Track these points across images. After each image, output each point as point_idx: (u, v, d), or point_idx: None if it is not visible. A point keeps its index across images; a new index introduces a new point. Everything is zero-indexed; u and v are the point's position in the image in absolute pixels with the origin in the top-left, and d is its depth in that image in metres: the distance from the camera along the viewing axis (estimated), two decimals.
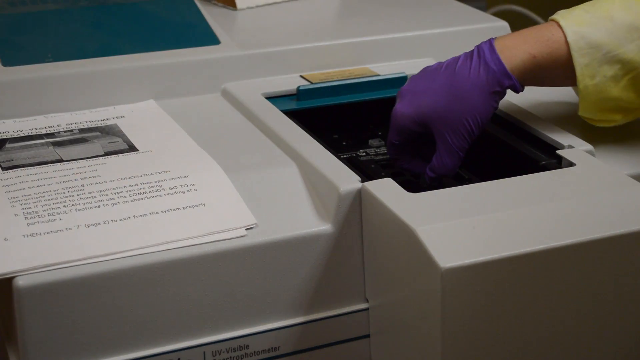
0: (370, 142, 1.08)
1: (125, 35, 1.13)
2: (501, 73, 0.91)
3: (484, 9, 1.69)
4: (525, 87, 0.95)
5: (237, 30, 1.24)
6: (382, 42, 1.18)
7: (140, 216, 0.82)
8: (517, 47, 0.92)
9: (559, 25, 0.93)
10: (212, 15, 1.21)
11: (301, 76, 1.13)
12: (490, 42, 0.93)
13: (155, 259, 0.79)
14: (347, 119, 1.10)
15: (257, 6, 1.32)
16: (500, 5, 1.79)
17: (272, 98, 1.07)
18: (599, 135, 0.98)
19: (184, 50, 1.11)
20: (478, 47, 0.93)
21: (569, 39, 0.92)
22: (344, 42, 1.17)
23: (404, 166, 0.99)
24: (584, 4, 0.95)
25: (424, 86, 0.93)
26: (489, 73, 0.91)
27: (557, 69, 0.93)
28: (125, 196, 0.85)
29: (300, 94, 1.08)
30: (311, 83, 1.10)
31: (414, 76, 0.96)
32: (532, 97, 1.07)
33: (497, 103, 0.93)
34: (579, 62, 0.92)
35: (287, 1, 1.35)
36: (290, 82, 1.11)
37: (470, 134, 0.92)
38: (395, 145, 0.96)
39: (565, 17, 0.93)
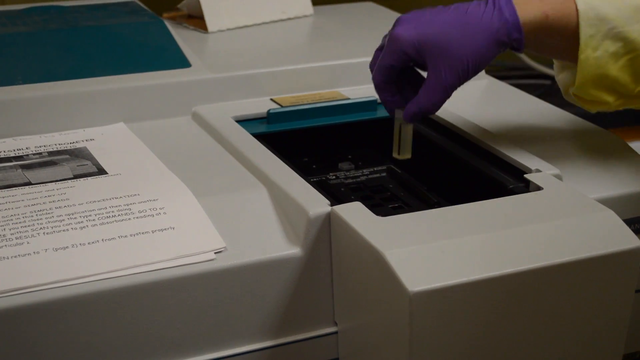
0: (340, 165, 1.08)
1: (96, 58, 1.13)
2: (513, 24, 0.91)
3: None
4: (490, 105, 0.95)
5: (208, 53, 1.24)
6: (352, 66, 1.18)
7: (109, 240, 0.82)
8: (532, 3, 0.92)
9: None
10: (183, 38, 1.21)
11: (272, 99, 1.13)
12: None
13: (124, 282, 0.79)
14: (317, 143, 1.11)
15: (228, 29, 1.33)
16: None
17: (243, 121, 1.08)
18: (566, 159, 0.99)
19: (154, 73, 1.11)
20: None
21: (579, 8, 0.92)
22: (314, 65, 1.18)
23: (387, 99, 0.97)
24: None
25: (429, 17, 0.93)
26: (502, 21, 0.91)
27: (563, 35, 0.93)
28: (94, 220, 0.84)
29: (270, 117, 1.08)
30: (281, 106, 1.10)
31: (415, 10, 0.95)
32: (499, 117, 1.07)
33: (498, 53, 0.92)
34: (584, 31, 0.92)
35: (258, 24, 1.36)
36: (260, 106, 1.11)
37: (465, 74, 0.92)
38: (386, 69, 0.95)
39: None
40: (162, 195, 0.89)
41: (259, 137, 1.02)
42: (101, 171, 0.94)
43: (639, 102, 0.97)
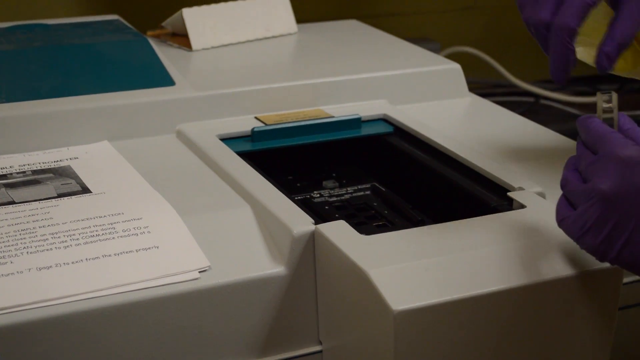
0: (325, 183, 1.09)
1: (80, 76, 1.13)
2: None
3: (438, 50, 1.71)
4: (474, 123, 0.95)
5: (192, 72, 1.24)
6: (336, 84, 1.19)
7: (93, 259, 0.82)
8: None
9: None
10: (167, 56, 1.21)
11: (256, 117, 1.14)
12: None
13: (108, 302, 0.79)
14: (302, 161, 1.11)
15: (212, 47, 1.33)
16: (453, 47, 1.82)
17: (227, 139, 1.08)
18: (549, 177, 0.99)
19: (138, 92, 1.11)
20: None
21: None
22: (298, 83, 1.18)
23: (570, 47, 0.85)
24: None
25: None
26: None
27: None
28: (77, 239, 0.84)
29: (254, 135, 1.08)
30: (266, 124, 1.10)
31: None
32: (482, 135, 1.08)
33: None
34: None
35: (242, 42, 1.36)
36: (244, 124, 1.11)
37: None
38: (584, 7, 0.84)
39: None
40: (146, 214, 0.88)
41: (244, 155, 1.02)
42: (85, 190, 0.94)
43: None
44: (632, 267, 0.74)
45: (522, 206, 0.91)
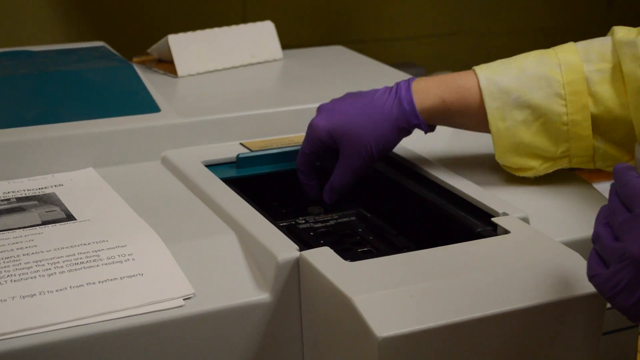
0: (310, 209, 1.09)
1: (65, 103, 1.13)
2: (411, 113, 1.00)
3: (422, 75, 1.72)
4: (458, 148, 1.04)
5: (177, 98, 1.25)
6: None
7: (77, 287, 0.82)
8: (430, 91, 1.00)
9: (475, 74, 1.00)
10: (153, 83, 1.22)
11: (241, 144, 1.14)
12: (409, 81, 1.01)
13: (92, 330, 0.79)
14: (287, 187, 1.11)
15: (198, 73, 1.34)
16: (437, 72, 1.83)
17: (212, 166, 1.08)
18: (533, 202, 1.00)
19: (123, 118, 1.11)
20: (398, 84, 1.02)
21: (481, 84, 0.99)
22: (283, 109, 1.19)
23: (305, 182, 1.07)
24: (503, 59, 1.02)
25: (341, 106, 1.03)
26: (400, 110, 1.00)
27: (468, 114, 1.00)
28: (62, 266, 0.84)
29: (240, 161, 1.09)
30: (251, 151, 1.11)
31: (336, 98, 1.06)
32: (467, 160, 1.08)
33: (402, 137, 1.02)
34: (490, 105, 0.99)
35: (228, 69, 1.36)
36: (230, 150, 1.11)
37: (370, 158, 1.01)
38: (306, 154, 1.04)
39: (481, 68, 1.01)
40: (131, 241, 0.88)
41: (229, 181, 1.03)
42: (70, 217, 0.94)
43: (565, 163, 1.02)
44: None
45: (507, 232, 0.91)
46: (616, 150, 1.00)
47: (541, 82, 0.98)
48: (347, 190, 1.04)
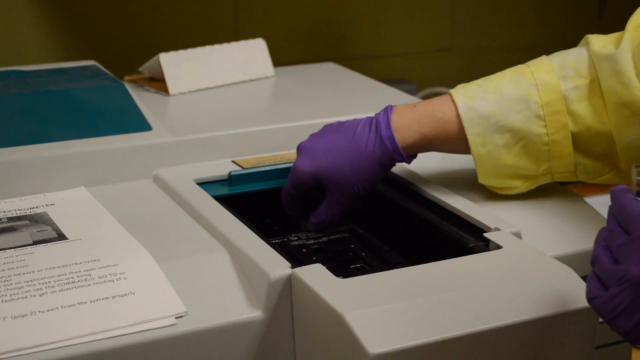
0: (302, 226, 1.09)
1: (57, 123, 1.12)
2: (394, 151, 1.00)
3: (414, 91, 1.72)
4: (450, 164, 1.08)
5: (169, 116, 1.25)
6: (313, 127, 1.19)
7: (69, 306, 0.81)
8: (410, 127, 1.00)
9: (453, 100, 1.00)
10: (144, 101, 1.22)
11: (233, 161, 1.14)
12: (387, 116, 1.01)
13: (84, 350, 0.78)
14: (279, 204, 1.11)
15: (189, 91, 1.34)
16: (429, 88, 1.83)
17: (204, 183, 1.08)
18: (525, 217, 1.00)
19: (115, 137, 1.11)
20: (376, 119, 1.01)
21: (460, 112, 0.99)
22: (275, 127, 1.19)
23: (292, 213, 1.07)
24: (479, 79, 1.02)
25: (323, 146, 1.02)
26: (382, 149, 1.00)
27: (449, 143, 1.01)
28: (53, 286, 0.84)
29: (232, 179, 1.09)
30: (243, 168, 1.11)
31: (315, 134, 1.05)
32: (459, 176, 1.09)
33: (387, 172, 1.03)
34: (470, 131, 0.99)
35: (220, 86, 1.37)
36: (222, 168, 1.11)
37: (357, 196, 1.01)
38: (291, 194, 1.04)
39: (459, 92, 1.01)
40: (123, 260, 0.88)
41: (221, 199, 1.02)
42: (61, 236, 0.94)
43: (547, 179, 1.02)
44: None
45: (499, 247, 0.91)
46: (597, 163, 1.00)
47: (520, 104, 0.98)
48: (333, 224, 1.04)
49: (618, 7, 1.89)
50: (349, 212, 1.04)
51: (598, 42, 0.98)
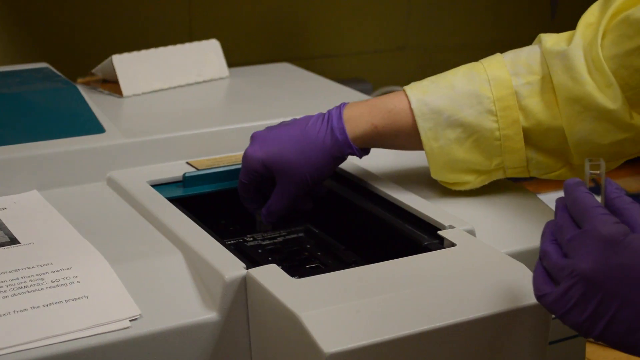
0: (257, 225, 1.08)
1: (8, 125, 1.11)
2: (344, 142, 1.00)
3: (370, 91, 1.73)
4: (404, 162, 1.08)
5: (122, 118, 1.24)
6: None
7: (21, 311, 0.81)
8: (361, 118, 1.01)
9: (406, 95, 1.01)
10: (97, 104, 1.21)
11: (187, 162, 1.13)
12: (340, 109, 1.02)
13: (38, 354, 0.78)
14: (234, 205, 1.11)
15: (143, 93, 1.33)
16: (384, 87, 1.84)
17: (158, 185, 1.07)
18: (479, 214, 1.01)
19: (67, 140, 1.10)
20: (329, 112, 1.02)
21: (413, 106, 1.00)
22: (230, 127, 1.18)
23: (248, 204, 1.07)
24: (433, 76, 1.03)
25: (275, 135, 1.03)
26: (333, 140, 1.00)
27: (400, 136, 1.01)
28: (5, 291, 0.83)
29: (186, 180, 1.08)
30: (197, 169, 1.10)
31: (268, 127, 1.05)
32: (413, 174, 1.09)
33: (337, 165, 1.03)
34: (422, 126, 1.00)
35: (174, 88, 1.36)
36: (176, 169, 1.11)
37: (306, 186, 1.02)
38: (244, 184, 1.04)
39: (412, 88, 1.02)
40: (76, 264, 0.88)
41: (175, 201, 1.02)
42: (13, 241, 0.93)
43: (500, 174, 1.03)
44: (617, 345, 0.73)
45: (453, 244, 0.92)
46: (549, 158, 1.01)
47: (472, 99, 0.99)
48: (284, 214, 1.04)
49: (570, 7, 1.91)
50: (298, 210, 1.04)
51: (550, 39, 0.99)
